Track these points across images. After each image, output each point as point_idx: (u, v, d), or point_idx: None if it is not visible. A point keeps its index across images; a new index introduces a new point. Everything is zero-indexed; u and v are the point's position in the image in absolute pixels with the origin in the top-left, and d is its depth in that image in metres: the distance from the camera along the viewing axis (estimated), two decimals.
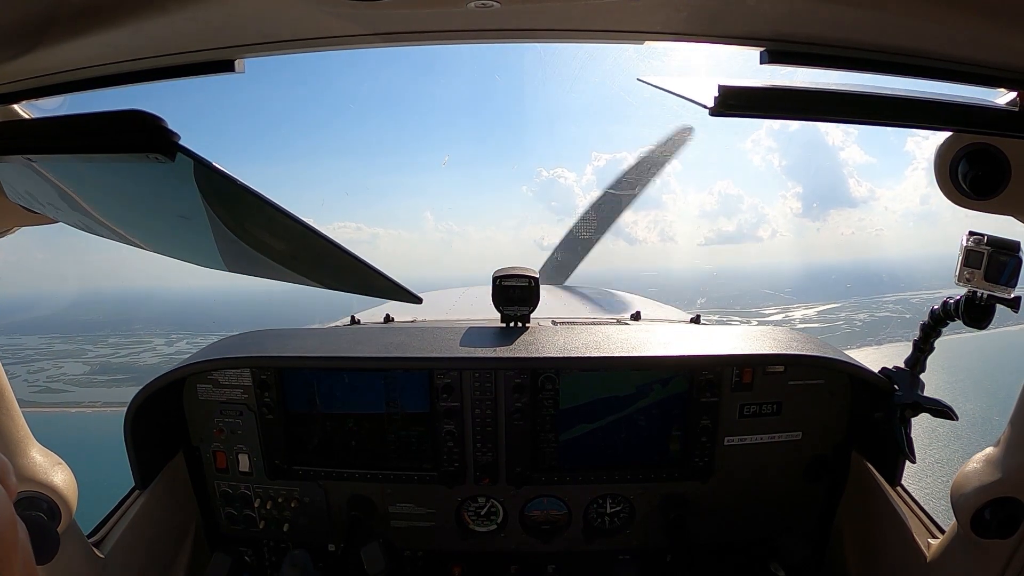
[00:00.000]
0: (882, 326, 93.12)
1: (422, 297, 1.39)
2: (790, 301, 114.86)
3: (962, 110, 1.50)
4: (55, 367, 72.70)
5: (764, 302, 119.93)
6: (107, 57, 1.45)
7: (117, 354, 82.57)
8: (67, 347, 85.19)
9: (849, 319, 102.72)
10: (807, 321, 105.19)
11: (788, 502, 3.10)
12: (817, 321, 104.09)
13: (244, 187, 1.03)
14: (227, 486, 3.12)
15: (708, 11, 1.25)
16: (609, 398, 2.96)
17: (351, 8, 1.10)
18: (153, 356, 79.41)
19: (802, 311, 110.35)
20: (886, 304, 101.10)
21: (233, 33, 1.40)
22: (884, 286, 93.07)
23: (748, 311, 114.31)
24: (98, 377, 66.92)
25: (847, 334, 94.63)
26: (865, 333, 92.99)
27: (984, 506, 2.05)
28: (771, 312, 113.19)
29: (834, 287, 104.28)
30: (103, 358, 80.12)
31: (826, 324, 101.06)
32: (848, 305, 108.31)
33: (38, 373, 69.33)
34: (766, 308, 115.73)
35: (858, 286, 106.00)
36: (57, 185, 1.32)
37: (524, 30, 1.48)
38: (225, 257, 1.36)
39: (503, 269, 3.24)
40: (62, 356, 79.25)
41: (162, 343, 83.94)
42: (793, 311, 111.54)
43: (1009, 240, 1.95)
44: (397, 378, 2.95)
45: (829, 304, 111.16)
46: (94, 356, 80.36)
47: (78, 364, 66.35)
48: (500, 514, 3.15)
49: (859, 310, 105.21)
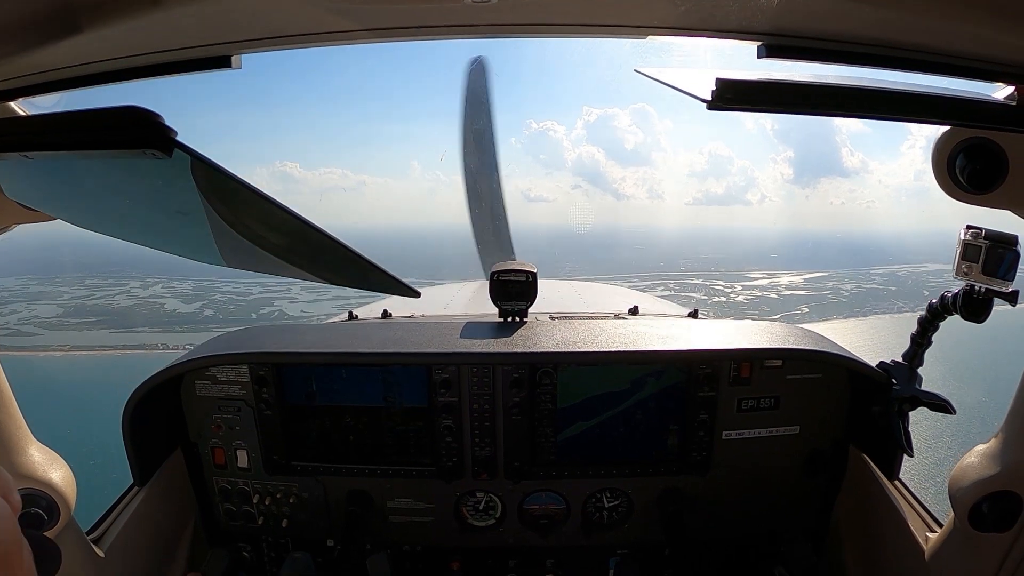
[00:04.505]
0: (869, 298, 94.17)
1: (420, 292, 1.42)
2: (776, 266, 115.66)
3: (960, 104, 1.51)
4: (27, 309, 72.03)
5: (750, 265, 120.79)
6: (104, 54, 1.46)
7: (92, 296, 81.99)
8: (43, 288, 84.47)
9: (836, 289, 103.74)
10: (793, 288, 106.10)
11: (786, 496, 3.11)
12: (803, 288, 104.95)
13: (241, 182, 1.04)
14: (225, 482, 3.13)
15: (706, 5, 1.24)
16: (606, 393, 2.97)
17: (349, 4, 1.10)
18: (127, 299, 78.93)
19: (788, 277, 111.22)
20: (873, 276, 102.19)
21: (230, 29, 1.41)
22: (872, 258, 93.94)
23: (733, 273, 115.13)
24: (70, 320, 66.48)
25: (834, 304, 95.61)
26: (852, 304, 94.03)
27: (982, 500, 2.06)
28: (757, 276, 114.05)
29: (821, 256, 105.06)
30: (78, 300, 79.49)
31: (813, 292, 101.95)
32: (836, 275, 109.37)
33: (9, 316, 68.72)
34: (751, 271, 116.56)
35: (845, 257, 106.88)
36: (54, 182, 1.36)
37: (521, 25, 1.48)
38: (223, 252, 1.36)
39: (501, 264, 3.26)
40: (37, 298, 78.56)
41: (137, 286, 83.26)
42: (779, 277, 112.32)
43: (1007, 234, 1.98)
44: (395, 374, 2.96)
45: (816, 272, 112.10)
46: (69, 298, 79.61)
47: (51, 306, 65.62)
48: (499, 509, 3.16)
49: (846, 280, 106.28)
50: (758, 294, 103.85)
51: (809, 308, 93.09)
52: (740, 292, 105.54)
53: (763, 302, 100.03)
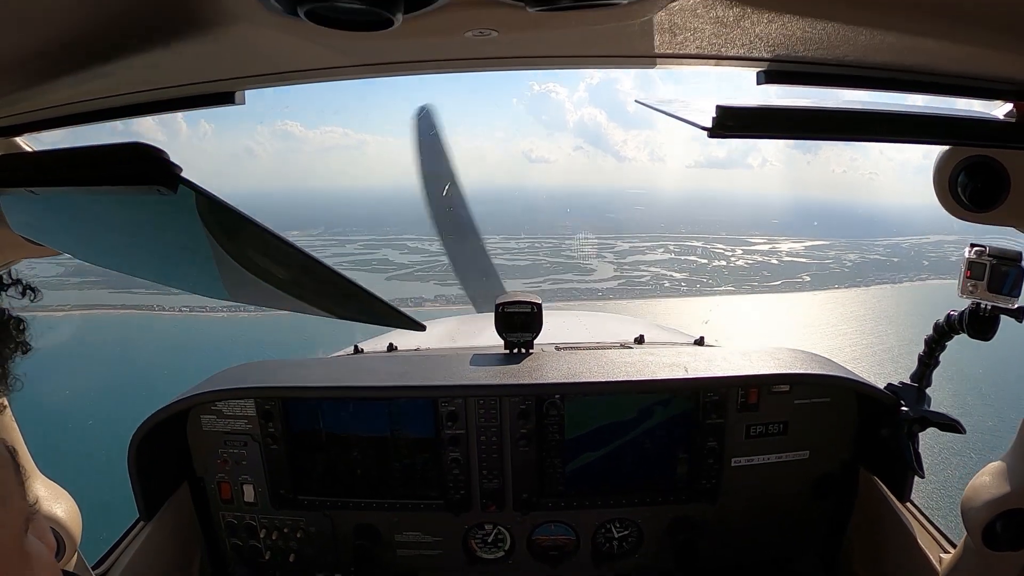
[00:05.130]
0: (871, 268, 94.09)
1: (425, 324, 1.44)
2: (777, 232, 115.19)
3: (960, 123, 1.52)
4: (28, 267, 71.97)
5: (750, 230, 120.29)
6: (109, 90, 1.47)
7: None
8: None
9: (838, 258, 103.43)
10: (794, 255, 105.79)
11: (798, 521, 3.10)
12: (804, 256, 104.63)
13: (246, 217, 1.05)
14: (232, 517, 3.11)
15: (704, 34, 1.24)
16: (614, 422, 2.97)
17: (350, 40, 1.11)
18: None
19: (789, 244, 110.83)
20: (876, 247, 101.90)
21: (233, 66, 1.42)
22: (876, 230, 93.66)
23: (734, 237, 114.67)
24: (71, 279, 66.34)
25: (836, 273, 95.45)
26: (854, 274, 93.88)
27: (995, 519, 2.04)
28: (757, 241, 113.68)
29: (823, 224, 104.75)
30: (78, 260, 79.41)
31: (814, 260, 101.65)
32: (838, 244, 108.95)
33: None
34: (752, 236, 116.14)
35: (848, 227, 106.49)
36: (60, 217, 1.37)
37: (522, 58, 1.50)
38: (227, 287, 1.37)
39: (506, 296, 3.27)
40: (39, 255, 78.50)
41: None
42: (780, 243, 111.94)
43: (1011, 250, 2.00)
44: (401, 407, 2.96)
45: (817, 240, 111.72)
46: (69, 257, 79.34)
47: (52, 265, 65.72)
48: (507, 541, 3.15)
49: (849, 250, 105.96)
50: (759, 259, 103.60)
51: (810, 276, 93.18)
52: (741, 256, 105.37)
53: (764, 267, 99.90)
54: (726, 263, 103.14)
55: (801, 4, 1.04)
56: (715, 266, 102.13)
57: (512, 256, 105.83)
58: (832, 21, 1.10)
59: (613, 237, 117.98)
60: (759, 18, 1.10)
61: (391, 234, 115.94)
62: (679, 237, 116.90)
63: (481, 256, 7.54)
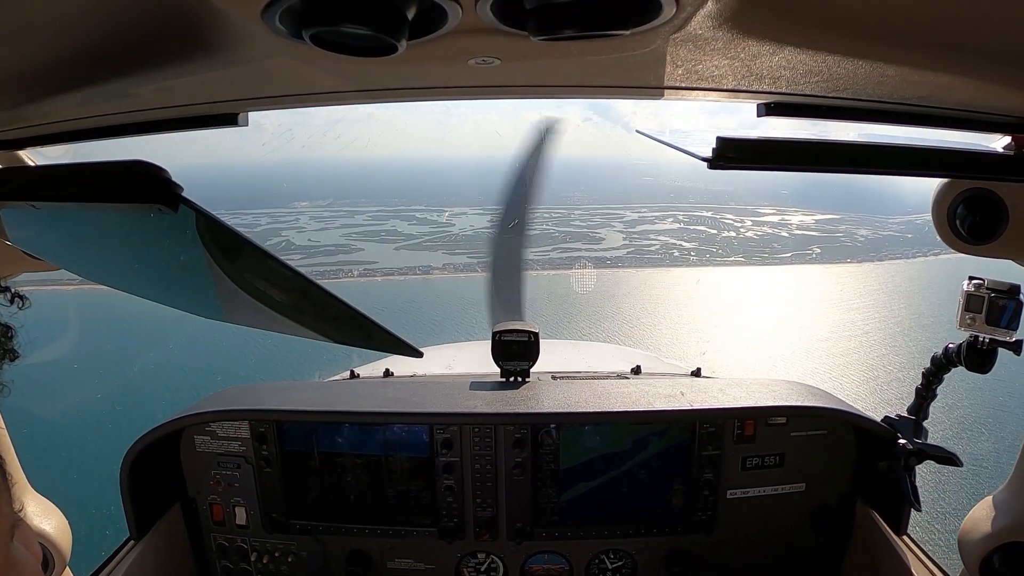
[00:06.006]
0: (884, 244, 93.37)
1: (422, 352, 1.41)
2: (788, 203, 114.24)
3: (959, 156, 1.53)
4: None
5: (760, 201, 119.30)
6: (113, 108, 1.47)
7: None
8: None
9: (849, 232, 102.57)
10: (804, 228, 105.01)
11: (794, 554, 3.09)
12: (815, 230, 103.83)
13: (246, 240, 1.05)
14: (223, 539, 3.10)
15: (705, 67, 1.25)
16: (609, 453, 2.96)
17: (354, 65, 1.11)
18: None
19: (800, 217, 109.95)
20: (890, 224, 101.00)
21: (237, 88, 1.43)
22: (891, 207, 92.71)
23: (743, 208, 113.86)
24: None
25: (847, 247, 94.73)
26: (867, 249, 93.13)
27: (993, 552, 2.03)
28: (767, 212, 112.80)
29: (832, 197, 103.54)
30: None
31: (824, 234, 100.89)
32: (848, 218, 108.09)
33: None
34: (762, 207, 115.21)
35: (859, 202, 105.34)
36: (60, 232, 1.38)
37: (525, 86, 1.51)
38: (225, 308, 1.37)
39: (502, 324, 3.27)
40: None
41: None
42: (790, 215, 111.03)
43: (1009, 284, 2.01)
44: (396, 433, 2.95)
45: (828, 214, 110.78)
46: None
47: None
48: (500, 570, 3.13)
49: (860, 225, 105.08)
50: (768, 231, 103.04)
51: (821, 249, 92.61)
52: (750, 228, 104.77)
53: (774, 239, 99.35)
54: (735, 234, 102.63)
55: (803, 38, 1.05)
56: (724, 236, 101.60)
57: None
58: (833, 54, 1.10)
59: (622, 207, 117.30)
60: (760, 51, 1.11)
61: (400, 205, 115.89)
62: (688, 207, 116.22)
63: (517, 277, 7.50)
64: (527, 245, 7.59)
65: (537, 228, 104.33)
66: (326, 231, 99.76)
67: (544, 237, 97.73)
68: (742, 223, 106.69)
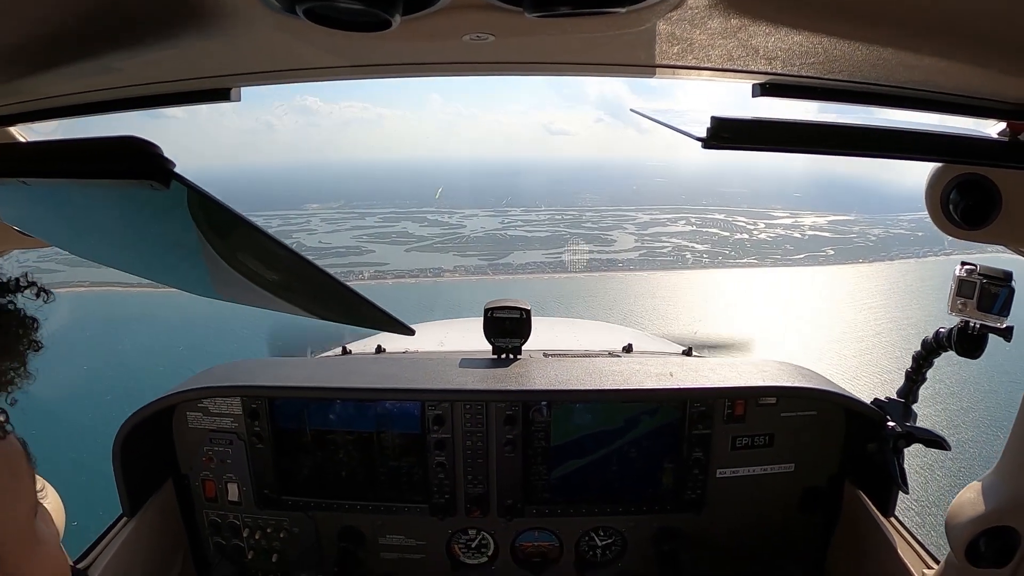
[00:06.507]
0: (895, 243, 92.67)
1: (414, 329, 1.40)
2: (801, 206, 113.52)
3: (953, 141, 1.53)
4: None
5: (772, 203, 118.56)
6: (105, 83, 1.46)
7: None
8: None
9: (863, 232, 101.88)
10: (817, 229, 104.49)
11: (782, 534, 3.11)
12: (828, 231, 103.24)
13: (238, 216, 1.04)
14: (216, 515, 3.10)
15: (701, 46, 1.24)
16: (600, 431, 2.97)
17: (347, 40, 1.11)
18: None
19: (812, 218, 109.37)
20: (901, 222, 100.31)
21: (230, 62, 1.42)
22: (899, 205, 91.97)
23: (756, 211, 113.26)
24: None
25: (860, 247, 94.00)
26: (879, 248, 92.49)
27: (979, 535, 2.05)
28: (780, 215, 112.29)
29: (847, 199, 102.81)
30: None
31: (838, 235, 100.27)
32: (862, 219, 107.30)
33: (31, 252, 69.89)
34: (774, 210, 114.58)
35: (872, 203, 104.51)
36: (51, 209, 1.36)
37: (519, 63, 1.49)
38: (216, 285, 1.36)
39: (495, 301, 3.26)
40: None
41: None
42: (803, 217, 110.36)
43: (1001, 270, 2.01)
44: (388, 409, 2.95)
45: (841, 215, 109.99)
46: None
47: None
48: (491, 546, 3.15)
49: (873, 225, 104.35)
50: (781, 232, 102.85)
51: (834, 251, 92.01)
52: (763, 230, 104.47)
53: (786, 240, 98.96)
54: (748, 236, 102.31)
55: (799, 19, 1.04)
56: (737, 239, 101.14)
57: (532, 228, 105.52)
58: (829, 36, 1.10)
59: (634, 209, 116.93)
60: (756, 31, 1.10)
61: (411, 207, 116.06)
62: (700, 209, 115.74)
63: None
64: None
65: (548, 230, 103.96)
66: (337, 233, 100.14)
67: (555, 239, 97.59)
68: (755, 225, 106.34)
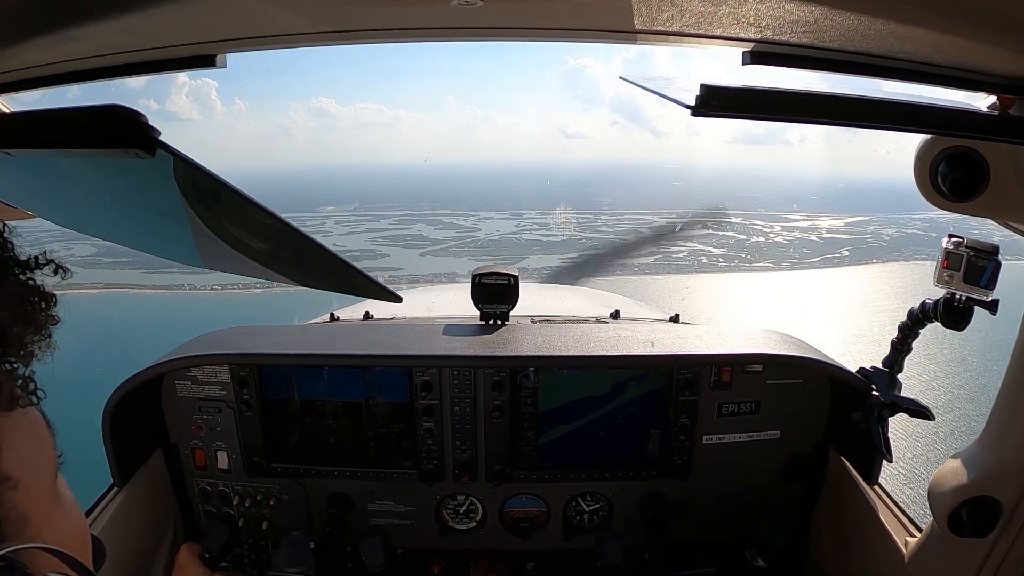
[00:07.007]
0: (909, 242, 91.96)
1: (401, 297, 1.43)
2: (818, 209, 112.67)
3: (943, 113, 1.52)
4: (65, 248, 74.24)
5: (789, 206, 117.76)
6: (88, 51, 1.44)
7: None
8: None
9: (877, 233, 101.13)
10: (834, 231, 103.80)
11: (767, 500, 3.13)
12: (844, 232, 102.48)
13: (225, 184, 1.04)
14: (206, 483, 3.11)
15: (691, 12, 1.24)
16: (588, 396, 2.99)
17: (333, 7, 1.10)
18: None
19: (829, 221, 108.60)
20: (914, 221, 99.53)
21: (215, 28, 1.40)
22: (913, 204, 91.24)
23: (773, 214, 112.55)
24: (103, 259, 68.28)
25: (874, 248, 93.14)
26: (892, 248, 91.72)
27: (961, 505, 2.07)
28: (797, 218, 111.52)
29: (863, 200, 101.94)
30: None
31: (854, 236, 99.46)
32: (876, 219, 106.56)
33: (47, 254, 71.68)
34: (791, 213, 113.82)
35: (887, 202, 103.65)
36: (36, 179, 1.35)
37: (508, 28, 1.48)
38: (203, 254, 1.36)
39: (482, 267, 3.26)
40: (74, 237, 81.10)
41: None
42: (820, 220, 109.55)
43: (988, 243, 2.02)
44: (376, 376, 2.96)
45: (857, 216, 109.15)
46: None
47: (87, 246, 68.24)
48: (479, 512, 3.17)
49: (887, 225, 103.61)
50: (798, 235, 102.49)
51: (849, 252, 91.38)
52: (779, 233, 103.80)
53: (803, 244, 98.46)
54: (764, 239, 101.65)
55: None
56: (753, 242, 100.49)
57: (547, 231, 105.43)
58: (820, 4, 1.09)
59: (650, 212, 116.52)
60: None
61: (426, 209, 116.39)
62: (716, 212, 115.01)
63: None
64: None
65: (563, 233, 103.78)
66: (351, 236, 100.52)
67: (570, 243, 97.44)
68: (771, 228, 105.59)
